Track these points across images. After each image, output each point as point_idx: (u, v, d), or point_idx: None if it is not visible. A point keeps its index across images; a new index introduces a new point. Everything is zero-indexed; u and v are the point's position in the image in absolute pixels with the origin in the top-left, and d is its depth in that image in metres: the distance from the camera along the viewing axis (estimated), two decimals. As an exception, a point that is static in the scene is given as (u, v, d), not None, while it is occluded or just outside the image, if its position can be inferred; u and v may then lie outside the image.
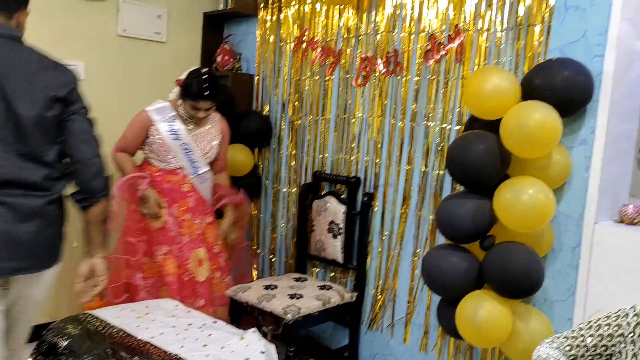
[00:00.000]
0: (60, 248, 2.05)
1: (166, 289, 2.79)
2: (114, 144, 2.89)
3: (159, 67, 3.45)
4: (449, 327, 2.40)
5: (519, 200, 2.10)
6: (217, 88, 2.79)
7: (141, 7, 3.38)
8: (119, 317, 2.27)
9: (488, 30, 2.54)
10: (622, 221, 2.27)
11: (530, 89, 2.19)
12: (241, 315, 2.91)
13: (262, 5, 3.54)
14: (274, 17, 3.48)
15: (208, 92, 2.72)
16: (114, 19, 3.29)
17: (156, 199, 2.79)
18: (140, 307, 2.44)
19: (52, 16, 3.05)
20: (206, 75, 2.74)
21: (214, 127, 2.97)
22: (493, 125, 2.23)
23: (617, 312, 1.58)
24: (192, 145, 2.84)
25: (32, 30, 2.96)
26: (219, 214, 3.06)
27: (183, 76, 2.85)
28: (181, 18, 3.57)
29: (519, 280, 2.14)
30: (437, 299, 2.54)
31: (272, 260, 3.56)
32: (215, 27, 3.74)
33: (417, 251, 2.83)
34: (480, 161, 2.19)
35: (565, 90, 2.12)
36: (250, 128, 3.39)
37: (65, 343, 2.07)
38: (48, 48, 3.02)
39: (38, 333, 2.20)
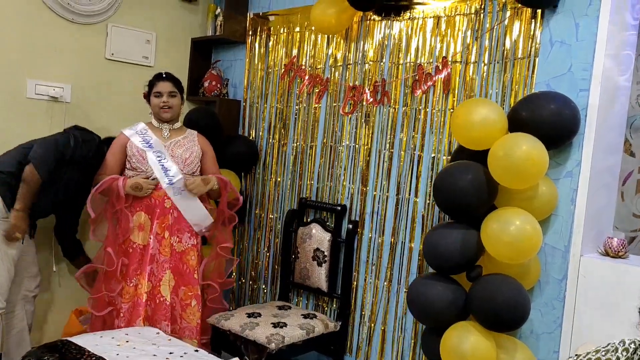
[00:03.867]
0: None
1: (139, 308, 2.70)
2: None
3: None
4: (433, 356, 2.38)
5: (506, 231, 2.11)
6: (172, 75, 2.92)
7: (130, 31, 3.38)
8: (98, 345, 2.21)
9: (475, 62, 2.58)
10: (607, 254, 2.28)
11: (518, 121, 2.22)
12: (223, 344, 2.84)
13: (250, 32, 3.56)
14: (262, 44, 3.50)
15: (165, 74, 2.90)
16: (102, 42, 3.28)
17: (136, 181, 2.72)
18: (120, 334, 2.38)
19: (40, 38, 3.03)
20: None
21: (190, 138, 2.92)
22: (480, 156, 2.25)
23: (607, 346, 1.57)
24: (165, 153, 2.78)
25: (19, 52, 2.96)
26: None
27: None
28: (169, 43, 3.58)
29: (504, 314, 2.14)
30: (423, 329, 2.52)
31: (255, 287, 3.51)
32: (203, 52, 3.75)
33: (403, 281, 2.81)
34: (467, 191, 2.20)
35: (552, 123, 2.16)
36: (237, 153, 3.37)
37: (41, 373, 2.00)
38: (35, 70, 3.03)
39: (13, 361, 2.12)
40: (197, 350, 2.28)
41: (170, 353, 2.22)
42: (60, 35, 3.10)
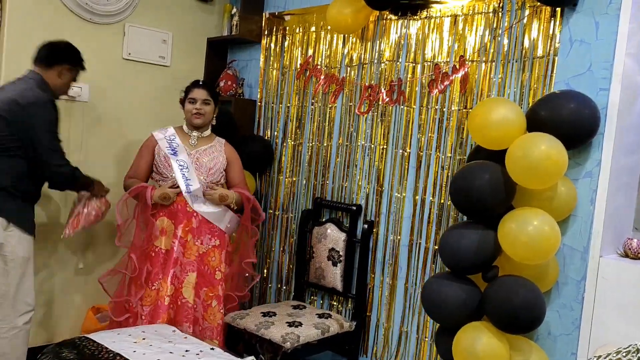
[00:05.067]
0: None
1: (159, 311, 2.72)
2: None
3: (162, 90, 3.46)
4: (447, 356, 2.37)
5: (524, 231, 2.09)
6: (210, 83, 2.97)
7: (146, 31, 3.40)
8: (116, 341, 2.22)
9: (493, 61, 2.57)
10: (626, 255, 2.26)
11: (536, 121, 2.20)
12: (238, 343, 2.85)
13: (266, 32, 3.57)
14: (278, 44, 3.51)
15: (202, 82, 2.94)
16: (120, 42, 3.30)
17: (164, 192, 2.76)
18: (137, 331, 2.39)
19: (58, 37, 3.05)
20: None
21: (217, 147, 2.94)
22: (498, 156, 2.23)
23: (628, 347, 1.55)
24: (187, 162, 2.81)
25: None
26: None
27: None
28: (185, 43, 3.60)
29: (519, 316, 2.12)
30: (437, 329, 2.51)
31: (269, 287, 3.51)
32: (218, 52, 3.76)
33: (419, 281, 2.80)
34: (484, 191, 2.19)
35: (571, 122, 2.14)
36: (252, 152, 3.37)
37: (59, 368, 2.01)
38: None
39: (34, 356, 2.14)
40: (212, 349, 2.29)
41: (187, 351, 2.22)
42: (79, 35, 3.13)
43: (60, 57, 2.65)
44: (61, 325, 3.20)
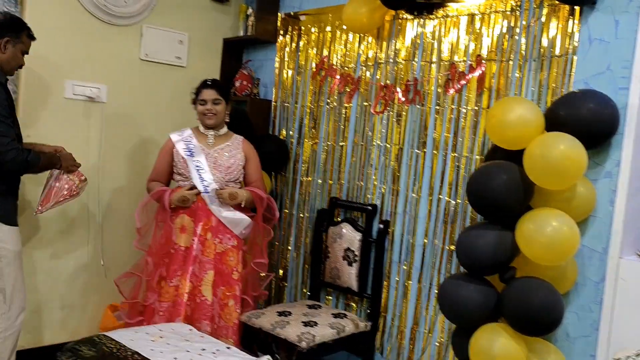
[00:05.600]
0: None
1: (179, 308, 2.75)
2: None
3: (179, 91, 3.48)
4: (463, 357, 2.36)
5: (542, 232, 2.07)
6: (219, 82, 2.93)
7: (163, 32, 3.43)
8: (133, 340, 2.25)
9: (510, 60, 2.54)
10: (646, 256, 2.23)
11: (555, 120, 2.18)
12: (254, 342, 2.86)
13: (281, 32, 3.58)
14: (293, 44, 3.51)
15: (210, 82, 2.91)
16: (137, 43, 3.33)
17: (182, 195, 2.79)
18: (154, 330, 2.42)
19: (77, 40, 3.10)
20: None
21: (235, 145, 2.95)
22: (516, 156, 2.21)
23: (649, 350, 1.53)
24: (203, 163, 2.83)
25: (58, 53, 3.03)
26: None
27: None
28: (202, 43, 3.62)
29: (537, 317, 2.11)
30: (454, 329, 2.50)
31: (285, 286, 3.52)
32: (234, 52, 3.78)
33: (435, 281, 2.79)
34: (502, 192, 2.17)
35: (591, 122, 2.12)
36: (268, 152, 3.38)
37: (79, 365, 2.04)
38: (73, 71, 3.10)
39: (53, 353, 2.17)
40: (229, 347, 2.31)
41: (203, 349, 2.24)
42: (97, 36, 3.17)
43: None
44: (80, 323, 3.25)
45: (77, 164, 2.69)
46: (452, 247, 2.71)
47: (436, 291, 2.76)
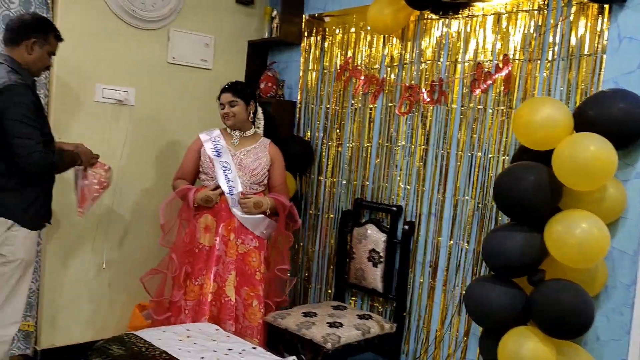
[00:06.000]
0: None
1: (203, 307, 2.79)
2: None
3: (205, 93, 3.52)
4: (490, 359, 2.34)
5: (571, 234, 2.04)
6: (236, 85, 2.96)
7: (190, 35, 3.47)
8: (161, 339, 2.28)
9: (538, 60, 2.51)
10: (679, 259, 2.18)
11: (584, 120, 2.14)
12: (279, 342, 2.88)
13: (305, 33, 3.59)
14: (318, 45, 3.53)
15: (227, 85, 2.95)
16: (165, 47, 3.38)
17: (206, 195, 2.82)
18: (181, 329, 2.45)
19: (107, 44, 3.16)
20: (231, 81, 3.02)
21: (261, 148, 2.98)
22: (544, 157, 2.18)
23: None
24: (230, 164, 2.86)
25: (89, 58, 3.10)
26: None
27: None
28: (227, 46, 3.65)
29: (567, 320, 2.07)
30: (481, 332, 2.47)
31: (310, 287, 3.53)
32: (259, 54, 3.81)
33: (460, 283, 2.77)
34: (530, 193, 2.14)
35: (621, 122, 2.08)
36: (292, 153, 3.39)
37: (109, 364, 2.08)
38: (103, 74, 3.16)
39: (84, 351, 2.22)
40: (255, 348, 2.33)
41: (230, 349, 2.26)
42: (126, 41, 3.22)
43: (25, 31, 2.39)
44: (109, 321, 3.31)
45: (96, 156, 2.67)
46: (478, 249, 2.69)
47: (462, 292, 2.74)
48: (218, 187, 2.86)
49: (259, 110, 3.10)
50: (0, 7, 2.87)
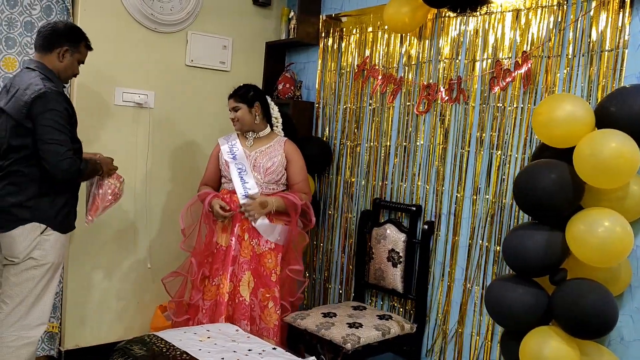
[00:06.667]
0: None
1: (221, 307, 2.81)
2: None
3: (223, 95, 3.49)
4: (511, 359, 2.31)
5: (594, 232, 2.01)
6: (239, 90, 2.97)
7: (208, 38, 3.50)
8: (182, 339, 2.30)
9: (558, 56, 2.48)
10: None
11: (606, 117, 2.10)
12: (299, 342, 2.88)
13: (323, 34, 3.59)
14: (335, 46, 3.52)
15: (231, 92, 2.99)
16: (183, 49, 3.41)
17: (219, 205, 2.84)
18: (202, 330, 2.47)
19: (127, 49, 3.20)
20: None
21: (276, 147, 2.98)
22: (565, 154, 2.15)
23: None
24: (245, 166, 2.89)
25: (109, 62, 3.14)
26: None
27: None
28: (245, 48, 3.67)
29: (590, 320, 2.04)
30: (502, 333, 2.45)
31: (329, 287, 3.53)
32: (277, 55, 3.82)
33: (480, 283, 2.74)
34: (551, 191, 2.11)
35: (644, 118, 2.03)
36: (311, 154, 3.39)
37: (131, 364, 2.11)
38: (122, 78, 3.21)
39: (107, 352, 2.25)
40: (274, 348, 2.33)
41: (249, 350, 2.27)
42: (145, 44, 3.26)
43: (58, 39, 2.44)
44: (133, 322, 3.36)
45: (115, 167, 2.70)
46: (498, 248, 2.66)
47: (482, 292, 2.71)
48: (227, 208, 2.86)
49: (275, 109, 3.11)
50: (22, 14, 2.93)
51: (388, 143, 3.20)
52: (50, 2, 2.99)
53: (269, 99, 3.08)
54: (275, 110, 3.10)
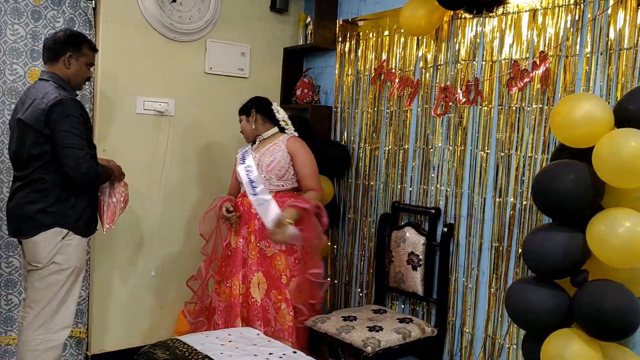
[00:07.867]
0: None
1: (235, 309, 2.87)
2: None
3: (242, 101, 3.54)
4: (533, 361, 2.29)
5: (614, 233, 1.98)
6: (245, 104, 3.10)
7: (227, 45, 3.55)
8: (204, 343, 2.34)
9: (576, 55, 2.45)
10: None
11: (625, 116, 2.08)
12: (319, 346, 2.90)
13: (340, 38, 3.61)
14: (352, 50, 3.54)
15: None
16: (202, 57, 3.47)
17: (225, 207, 2.95)
18: (223, 334, 2.50)
19: (147, 58, 3.27)
20: None
21: (280, 143, 3.00)
22: (584, 154, 2.13)
23: None
24: (252, 167, 2.97)
25: (130, 72, 3.21)
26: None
27: None
28: (263, 54, 3.71)
29: (612, 322, 2.01)
30: (524, 335, 2.42)
31: (349, 291, 3.54)
32: (294, 61, 3.85)
33: (502, 285, 2.72)
34: (570, 192, 2.09)
35: (664, 116, 2.00)
36: (330, 158, 3.42)
37: (154, 368, 2.15)
38: (143, 87, 3.27)
39: (131, 356, 2.30)
40: (295, 352, 2.35)
41: (270, 354, 2.30)
42: (165, 53, 3.32)
43: (60, 47, 2.49)
44: (158, 327, 3.41)
45: (124, 173, 2.74)
46: (519, 250, 2.64)
47: (504, 294, 2.69)
48: (231, 210, 2.98)
49: (280, 112, 3.12)
50: (46, 27, 3.02)
51: (406, 146, 3.20)
52: (73, 15, 3.07)
53: (274, 104, 3.11)
54: (281, 114, 3.12)
